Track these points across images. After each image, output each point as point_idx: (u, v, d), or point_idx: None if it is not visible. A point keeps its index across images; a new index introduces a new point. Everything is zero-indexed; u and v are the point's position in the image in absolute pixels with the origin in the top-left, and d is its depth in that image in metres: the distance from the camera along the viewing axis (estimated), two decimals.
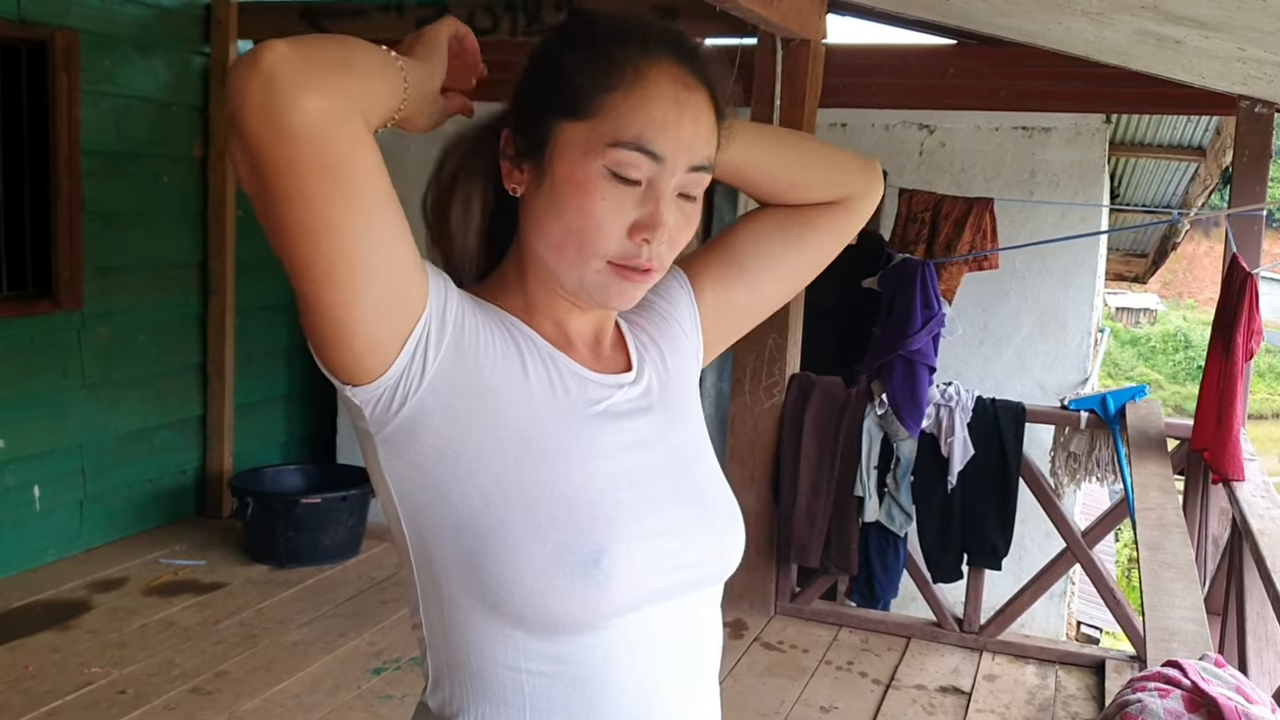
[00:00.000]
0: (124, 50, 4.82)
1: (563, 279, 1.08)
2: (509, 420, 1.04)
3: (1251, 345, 3.54)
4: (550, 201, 1.05)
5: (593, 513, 1.03)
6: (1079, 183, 4.97)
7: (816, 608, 4.52)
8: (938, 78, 4.83)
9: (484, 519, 1.01)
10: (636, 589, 1.04)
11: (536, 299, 1.12)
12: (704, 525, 1.12)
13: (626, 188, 1.04)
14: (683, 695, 1.11)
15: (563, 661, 1.04)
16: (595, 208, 1.03)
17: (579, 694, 1.05)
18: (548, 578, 1.00)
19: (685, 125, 1.05)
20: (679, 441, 1.17)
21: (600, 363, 1.15)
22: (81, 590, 4.48)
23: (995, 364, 5.02)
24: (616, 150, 1.02)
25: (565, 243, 1.05)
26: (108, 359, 4.86)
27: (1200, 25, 2.83)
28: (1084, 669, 4.21)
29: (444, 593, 1.05)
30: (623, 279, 1.06)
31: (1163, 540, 2.76)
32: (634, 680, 1.07)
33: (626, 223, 1.04)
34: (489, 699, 1.06)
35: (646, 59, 1.04)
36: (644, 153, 1.03)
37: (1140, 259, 8.45)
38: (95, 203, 4.68)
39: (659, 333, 1.23)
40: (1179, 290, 37.86)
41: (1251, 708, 1.74)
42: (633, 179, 1.03)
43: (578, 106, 1.04)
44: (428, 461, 1.02)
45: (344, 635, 4.20)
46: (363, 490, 5.05)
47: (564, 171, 1.04)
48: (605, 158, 1.02)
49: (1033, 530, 4.69)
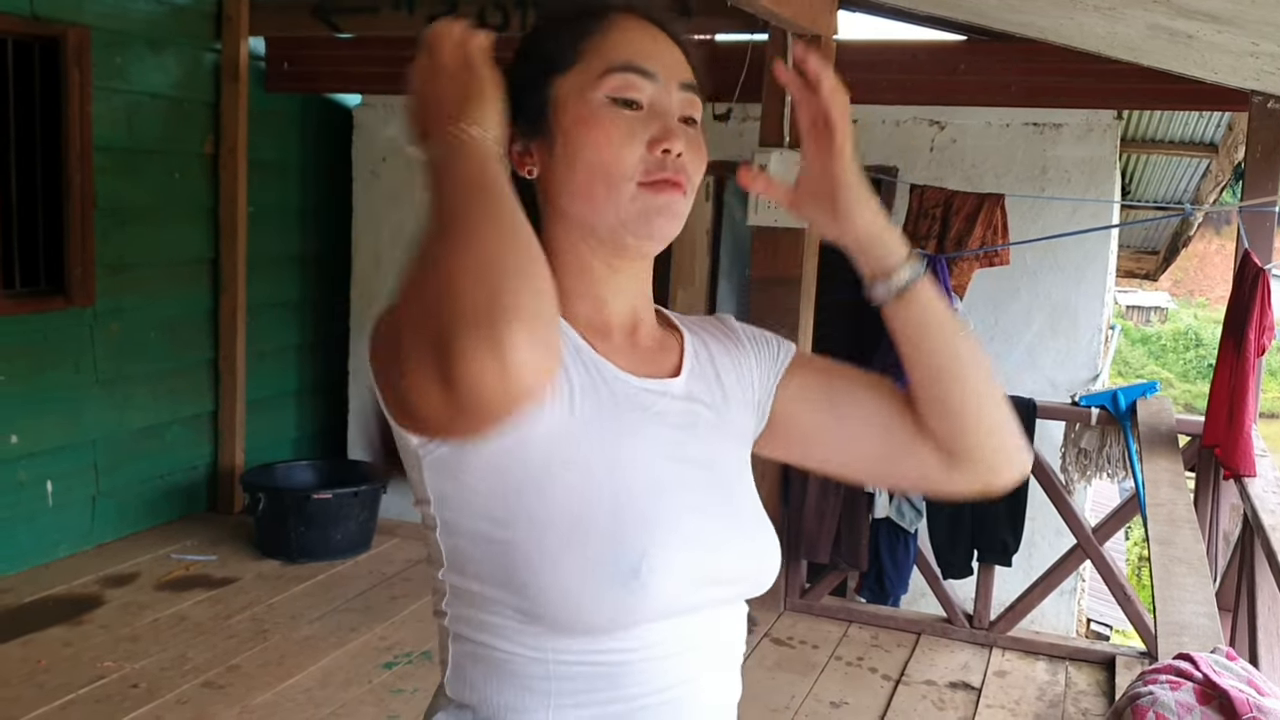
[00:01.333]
0: (136, 47, 4.84)
1: (601, 224, 1.07)
2: (551, 431, 1.03)
3: (1264, 341, 3.54)
4: (566, 151, 1.06)
5: (635, 519, 1.03)
6: (1090, 179, 4.96)
7: (826, 604, 4.52)
8: (948, 74, 4.82)
9: (526, 532, 1.01)
10: (671, 599, 1.04)
11: (570, 284, 1.09)
12: (739, 541, 1.11)
13: (631, 112, 1.06)
14: (705, 683, 1.11)
15: (590, 657, 1.04)
16: (609, 134, 1.05)
17: (605, 684, 1.05)
18: (584, 586, 1.00)
19: (661, 49, 1.09)
20: (718, 460, 1.14)
21: (639, 356, 1.13)
22: (93, 585, 4.50)
23: (1006, 360, 5.00)
24: (610, 76, 1.05)
25: (592, 182, 1.06)
26: (120, 355, 4.88)
27: (1213, 19, 2.83)
28: (1094, 665, 4.21)
29: (475, 590, 1.06)
30: (658, 194, 1.06)
31: (1174, 535, 2.76)
32: (659, 672, 1.07)
33: (643, 141, 1.05)
34: (513, 687, 1.06)
35: (613, 10, 1.09)
36: (636, 71, 1.06)
37: (1151, 256, 8.42)
38: (107, 199, 4.70)
39: (729, 366, 1.19)
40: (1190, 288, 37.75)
41: (1263, 700, 1.74)
42: (634, 100, 1.06)
43: (562, 60, 1.07)
44: (473, 479, 1.03)
45: (355, 630, 4.21)
46: (374, 486, 5.06)
47: (571, 117, 1.06)
48: (603, 87, 1.05)
49: (1043, 527, 4.68)
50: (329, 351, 6.06)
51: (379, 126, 5.80)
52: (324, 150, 5.96)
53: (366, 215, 5.86)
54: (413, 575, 4.82)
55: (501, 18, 4.79)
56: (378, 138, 5.80)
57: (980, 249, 4.07)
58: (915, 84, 4.86)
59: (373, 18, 5.08)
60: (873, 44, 5.00)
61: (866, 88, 4.77)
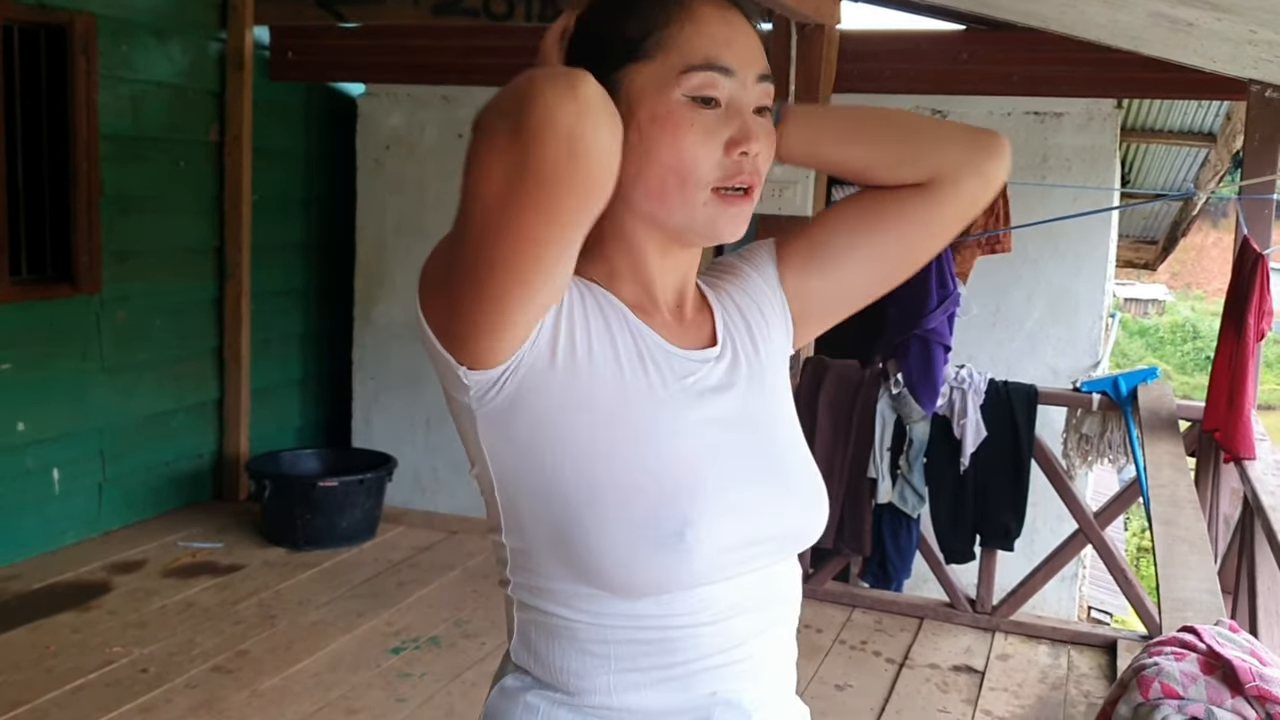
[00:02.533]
0: (141, 35, 4.86)
1: (669, 222, 1.09)
2: (599, 395, 1.06)
3: (1263, 326, 3.57)
4: (641, 147, 1.05)
5: (678, 488, 1.05)
6: (1091, 167, 4.99)
7: (830, 589, 4.55)
8: (950, 63, 4.85)
9: (574, 490, 1.04)
10: (717, 562, 1.06)
11: (619, 263, 1.13)
12: (787, 502, 1.14)
13: (709, 111, 1.05)
14: (761, 642, 1.14)
15: (645, 619, 1.07)
16: (688, 136, 1.05)
17: (661, 646, 1.08)
18: (632, 549, 1.03)
19: (739, 39, 1.07)
20: (763, 417, 1.17)
21: (684, 329, 1.16)
22: (101, 572, 4.53)
23: (1007, 347, 5.03)
24: (691, 75, 1.05)
25: (665, 183, 1.06)
26: (126, 343, 4.91)
27: (1213, 6, 2.85)
28: (1096, 649, 4.24)
29: (532, 555, 1.09)
30: (729, 205, 1.07)
31: (1176, 516, 2.79)
32: (714, 633, 1.10)
33: (720, 143, 1.06)
34: (574, 651, 1.09)
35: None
36: (716, 69, 1.05)
37: (1150, 246, 8.45)
38: (113, 187, 4.72)
39: (747, 304, 1.23)
40: (1187, 281, 37.79)
41: (1266, 669, 1.78)
42: (713, 99, 1.05)
43: (639, 49, 1.06)
44: (523, 434, 1.05)
45: (362, 616, 4.24)
46: (379, 474, 5.09)
47: (647, 113, 1.05)
48: (682, 86, 1.05)
49: (1044, 513, 4.71)
50: (333, 340, 6.09)
51: (383, 115, 5.82)
52: (328, 139, 5.98)
53: (370, 204, 5.88)
54: (419, 562, 4.86)
55: (507, 7, 4.81)
56: (382, 126, 5.82)
57: (983, 233, 4.10)
58: (918, 73, 4.90)
59: (378, 7, 5.10)
60: (876, 34, 5.03)
61: (869, 77, 4.80)
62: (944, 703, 3.80)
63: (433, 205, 5.72)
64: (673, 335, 1.14)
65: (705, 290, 1.22)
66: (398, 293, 5.85)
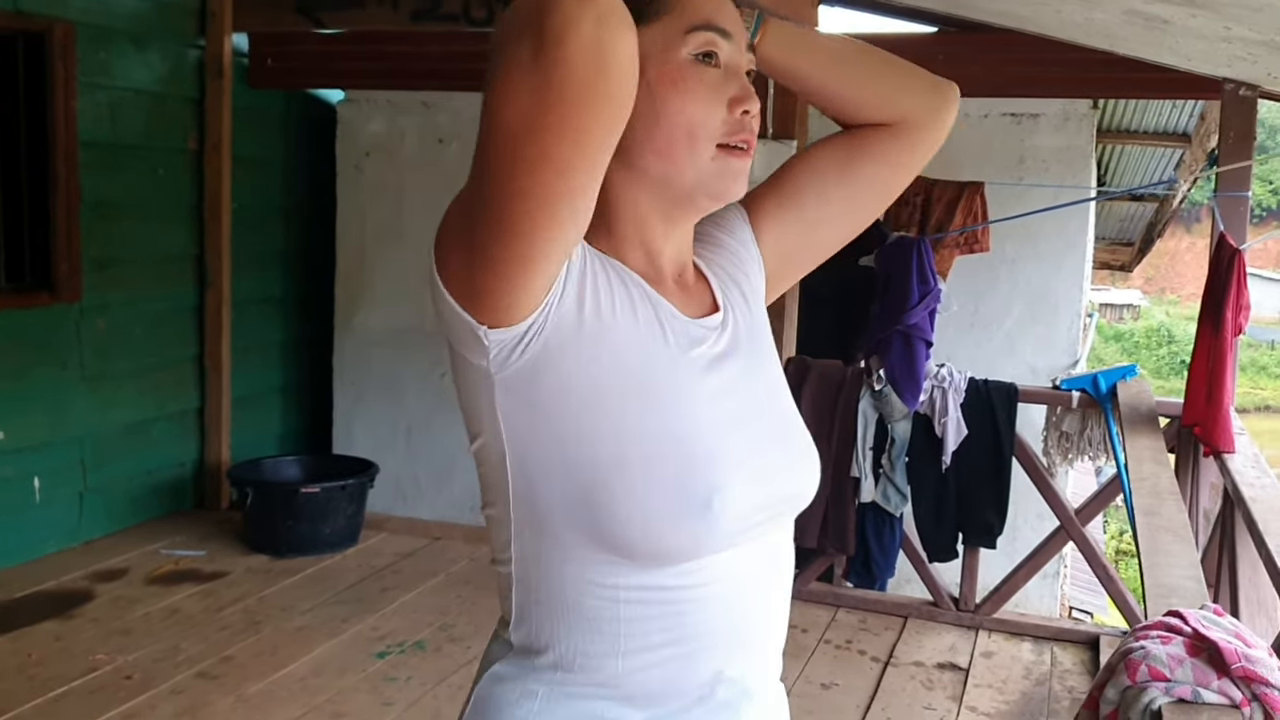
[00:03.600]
0: (120, 42, 4.85)
1: (676, 182, 1.10)
2: (624, 361, 1.06)
3: (1240, 320, 3.61)
4: (650, 108, 1.06)
5: (704, 453, 1.06)
6: (1067, 168, 5.03)
7: (814, 589, 4.56)
8: (926, 64, 4.86)
9: (601, 457, 1.04)
10: (741, 525, 1.08)
11: (625, 233, 1.13)
12: (793, 463, 1.17)
13: (713, 69, 1.09)
14: (764, 610, 1.16)
15: (661, 589, 1.07)
16: (697, 93, 1.07)
17: (673, 618, 1.08)
18: (663, 515, 1.03)
19: (727, 6, 1.12)
20: (764, 383, 1.20)
21: (688, 298, 1.17)
22: (82, 580, 4.50)
23: (986, 347, 5.07)
24: (695, 34, 1.08)
25: (675, 141, 1.08)
26: (106, 351, 4.89)
27: (1188, 3, 2.89)
28: (1079, 645, 4.27)
29: (545, 528, 1.07)
30: (735, 159, 1.10)
31: (1159, 506, 2.82)
32: (725, 603, 1.11)
33: (724, 100, 1.09)
34: (581, 629, 1.08)
35: None
36: (717, 30, 1.08)
37: (1126, 248, 8.53)
38: (92, 195, 4.71)
39: (735, 270, 1.25)
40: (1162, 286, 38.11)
41: (1251, 650, 1.80)
42: (715, 56, 1.09)
43: (643, 12, 1.06)
44: (546, 400, 1.04)
45: (347, 621, 4.23)
46: (360, 480, 5.08)
47: (655, 72, 1.07)
48: (688, 45, 1.07)
49: (1025, 511, 4.74)
50: (314, 347, 6.07)
51: (363, 122, 5.81)
52: (307, 146, 5.97)
53: (350, 210, 5.87)
54: (402, 568, 4.85)
55: (486, 12, 4.82)
56: (361, 133, 5.82)
57: (962, 229, 4.13)
58: None
59: (357, 13, 5.09)
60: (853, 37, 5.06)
61: None
62: (929, 700, 3.81)
63: (413, 211, 5.72)
64: (680, 303, 1.15)
65: (697, 261, 1.23)
66: (378, 300, 5.84)
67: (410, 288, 5.77)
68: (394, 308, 5.81)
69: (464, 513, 5.58)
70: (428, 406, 5.75)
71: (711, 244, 1.26)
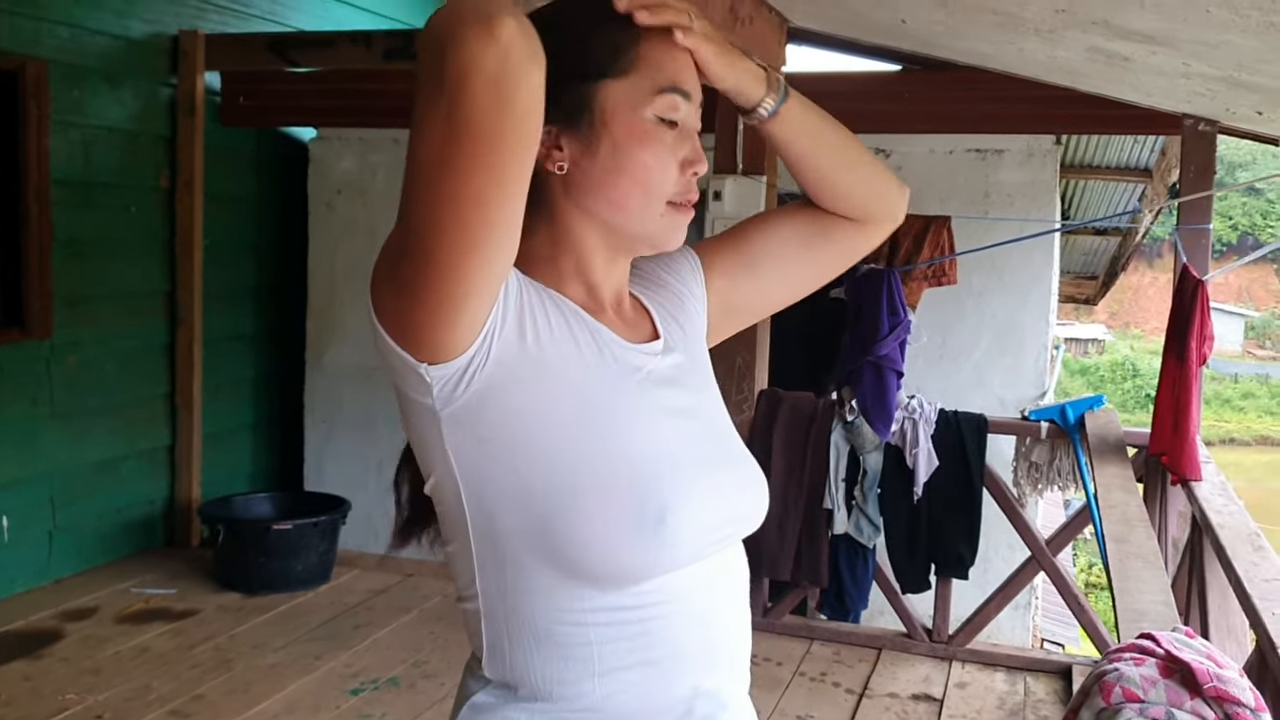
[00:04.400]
0: (92, 81, 4.86)
1: (624, 231, 1.15)
2: (568, 389, 1.09)
3: (1204, 350, 3.67)
4: (612, 162, 1.11)
5: (655, 474, 1.09)
6: (1032, 202, 5.11)
7: (788, 622, 4.57)
8: (893, 103, 4.95)
9: (553, 485, 1.06)
10: (695, 543, 1.11)
11: (567, 267, 1.16)
12: (742, 484, 1.21)
13: (671, 130, 1.12)
14: (728, 622, 1.19)
15: (626, 610, 1.09)
16: (656, 154, 1.11)
17: (642, 637, 1.10)
18: (619, 537, 1.05)
19: (690, 64, 1.14)
20: (708, 410, 1.24)
21: (628, 327, 1.20)
22: (52, 620, 4.45)
23: (955, 379, 5.12)
24: (663, 96, 1.11)
25: (630, 195, 1.12)
26: (77, 388, 4.86)
27: (1148, 40, 2.97)
28: (1051, 675, 4.30)
29: (507, 559, 1.09)
30: (680, 215, 1.15)
31: (1128, 534, 2.86)
32: (691, 619, 1.13)
33: (677, 161, 1.13)
34: (555, 656, 1.09)
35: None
36: (679, 93, 1.12)
37: (1091, 281, 8.64)
38: (64, 232, 4.70)
39: (676, 309, 1.28)
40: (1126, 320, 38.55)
41: (1223, 670, 1.83)
42: (674, 121, 1.12)
43: (614, 66, 1.10)
44: (493, 433, 1.06)
45: (320, 658, 4.20)
46: (332, 517, 5.06)
47: (622, 130, 1.10)
48: (653, 106, 1.11)
49: (996, 542, 4.78)
50: (285, 383, 6.06)
51: (334, 159, 5.84)
52: (279, 183, 5.98)
53: (321, 247, 5.88)
54: (375, 605, 4.82)
55: None
56: (333, 170, 5.84)
57: (930, 260, 4.19)
58: (862, 113, 4.95)
59: (329, 52, 5.13)
60: (819, 75, 5.14)
61: None
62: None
63: None
64: (620, 331, 1.17)
65: (637, 294, 1.27)
66: (349, 336, 5.84)
67: None
68: (365, 344, 5.77)
69: (435, 549, 5.55)
70: (399, 442, 5.65)
71: (654, 282, 1.29)
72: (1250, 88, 3.32)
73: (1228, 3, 2.29)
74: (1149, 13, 2.60)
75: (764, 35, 4.15)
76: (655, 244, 1.17)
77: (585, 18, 1.11)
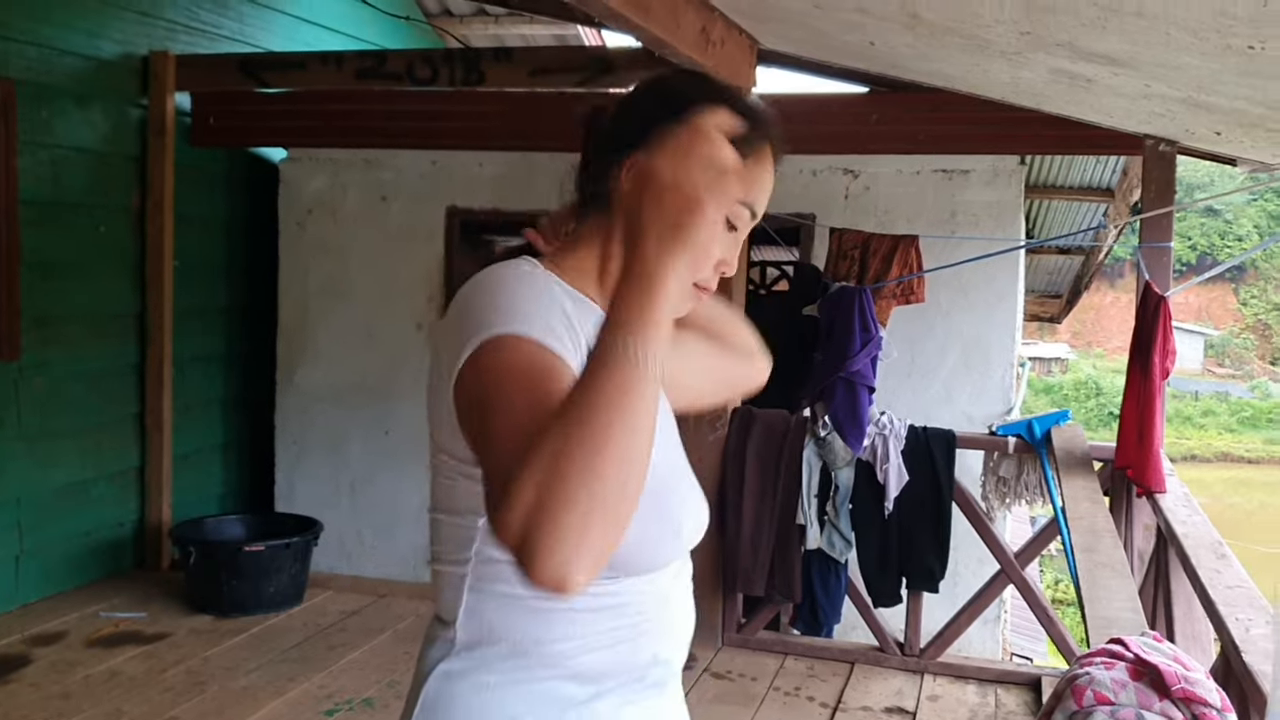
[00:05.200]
0: (62, 101, 4.85)
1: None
2: None
3: (1167, 365, 3.74)
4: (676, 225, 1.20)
5: (674, 489, 1.27)
6: (997, 222, 5.18)
7: (762, 637, 4.60)
8: (861, 124, 5.01)
9: None
10: (689, 543, 1.31)
11: (603, 283, 1.27)
12: (701, 499, 1.36)
13: (729, 232, 1.27)
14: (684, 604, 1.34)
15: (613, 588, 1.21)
16: (708, 244, 1.23)
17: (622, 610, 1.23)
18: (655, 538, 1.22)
19: (768, 189, 1.30)
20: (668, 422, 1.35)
21: None
22: (20, 645, 4.41)
23: (923, 395, 5.18)
24: (741, 208, 1.26)
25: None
26: (45, 410, 4.83)
27: (1111, 61, 3.04)
28: (1021, 686, 4.35)
29: None
30: (697, 295, 1.28)
31: (1096, 543, 2.91)
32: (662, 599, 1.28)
33: (717, 258, 1.26)
34: (540, 620, 1.19)
35: (766, 139, 1.27)
36: (753, 213, 1.28)
37: (1055, 300, 8.76)
38: (33, 253, 4.68)
39: None
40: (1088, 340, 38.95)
41: (1190, 673, 1.87)
42: (734, 227, 1.27)
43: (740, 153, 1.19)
44: None
45: (294, 680, 4.19)
46: (305, 538, 5.05)
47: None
48: (730, 209, 1.23)
49: (965, 556, 4.83)
50: (256, 404, 6.04)
51: (305, 179, 5.84)
52: (250, 204, 5.98)
53: (292, 267, 5.88)
54: (348, 626, 4.81)
55: (430, 72, 4.90)
56: (304, 191, 5.84)
57: (899, 278, 4.25)
58: (830, 134, 5.05)
59: (300, 72, 5.15)
60: (788, 97, 5.19)
61: (784, 139, 4.95)
62: None
63: (356, 268, 5.74)
64: None
65: None
66: (320, 356, 5.84)
67: (353, 344, 5.78)
68: (336, 364, 5.81)
69: (409, 569, 5.55)
70: (371, 463, 5.73)
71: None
72: (1209, 109, 3.41)
73: (1188, 26, 2.36)
74: (1111, 35, 2.66)
75: (734, 57, 4.21)
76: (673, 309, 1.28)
77: (738, 116, 1.24)
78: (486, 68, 4.88)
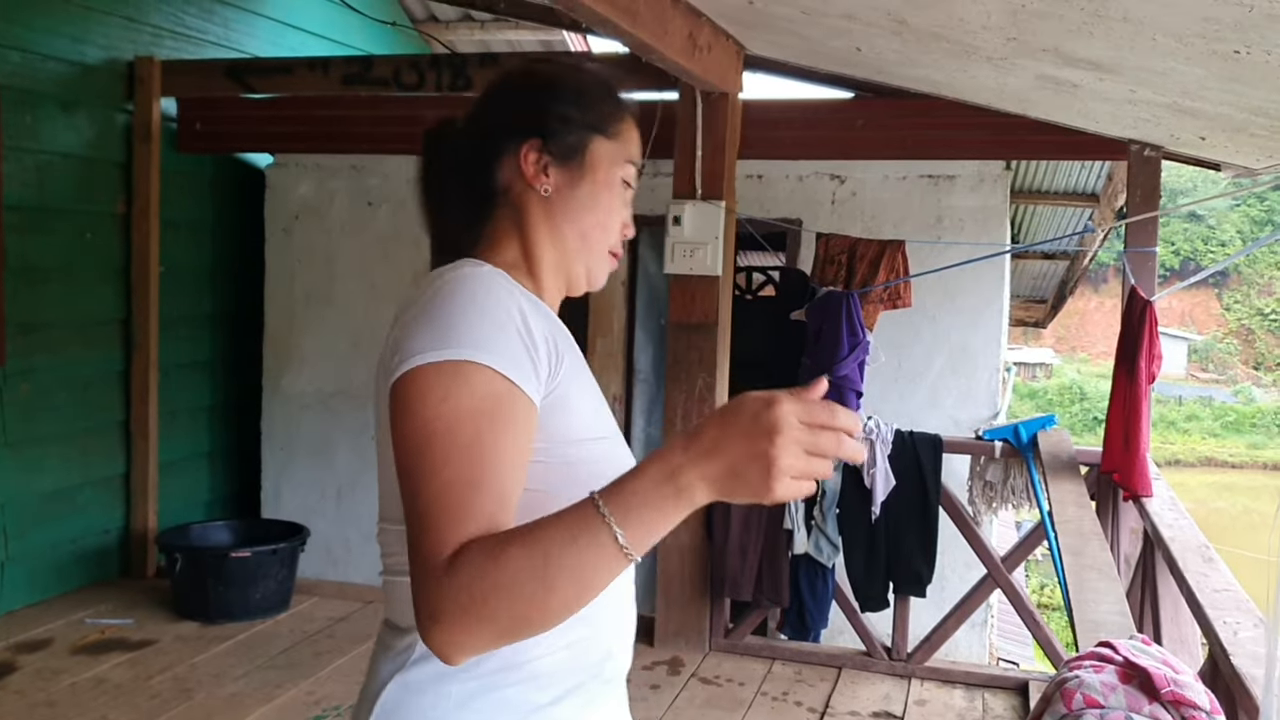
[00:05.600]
0: (47, 106, 4.83)
1: (578, 263, 1.38)
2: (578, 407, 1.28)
3: (1153, 369, 3.75)
4: (590, 200, 1.36)
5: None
6: (982, 227, 5.20)
7: (750, 642, 4.60)
8: (847, 129, 5.03)
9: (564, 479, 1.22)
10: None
11: (546, 285, 1.37)
12: None
13: (626, 191, 1.40)
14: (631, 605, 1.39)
15: None
16: (615, 205, 1.38)
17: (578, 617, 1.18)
18: None
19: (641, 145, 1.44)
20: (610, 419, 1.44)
21: None
22: (4, 652, 4.38)
23: (910, 400, 5.19)
24: (630, 165, 1.40)
25: (593, 232, 1.37)
26: (30, 416, 4.80)
27: (1096, 67, 3.05)
28: (1009, 690, 4.36)
29: None
30: (613, 262, 1.42)
31: (1083, 546, 2.92)
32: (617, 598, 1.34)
33: (621, 220, 1.40)
34: None
35: (634, 108, 1.42)
36: (638, 168, 1.41)
37: (1040, 305, 8.80)
38: (18, 258, 4.66)
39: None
40: (1073, 345, 39.11)
41: (1180, 675, 1.88)
42: (629, 185, 1.40)
43: (608, 129, 1.37)
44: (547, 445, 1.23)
45: (281, 686, 4.17)
46: (291, 544, 5.03)
47: (602, 177, 1.36)
48: (624, 170, 1.39)
49: (953, 561, 4.84)
50: (242, 411, 6.02)
51: (291, 185, 5.83)
52: (236, 209, 5.96)
53: (278, 273, 5.87)
54: (335, 632, 4.79)
55: (417, 77, 4.89)
56: (290, 196, 5.83)
57: (886, 283, 4.26)
58: (817, 140, 5.07)
59: (287, 77, 5.14)
60: (776, 103, 5.20)
61: (771, 144, 4.97)
62: None
63: (342, 274, 5.73)
64: None
65: None
66: (306, 362, 5.82)
67: (339, 350, 5.77)
68: (323, 370, 5.80)
69: None
70: (357, 469, 5.72)
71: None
72: (1194, 114, 3.43)
73: (1173, 31, 2.37)
74: (1097, 41, 2.68)
75: (721, 63, 4.22)
76: (592, 280, 1.40)
77: (598, 88, 1.38)
78: (473, 73, 4.88)
